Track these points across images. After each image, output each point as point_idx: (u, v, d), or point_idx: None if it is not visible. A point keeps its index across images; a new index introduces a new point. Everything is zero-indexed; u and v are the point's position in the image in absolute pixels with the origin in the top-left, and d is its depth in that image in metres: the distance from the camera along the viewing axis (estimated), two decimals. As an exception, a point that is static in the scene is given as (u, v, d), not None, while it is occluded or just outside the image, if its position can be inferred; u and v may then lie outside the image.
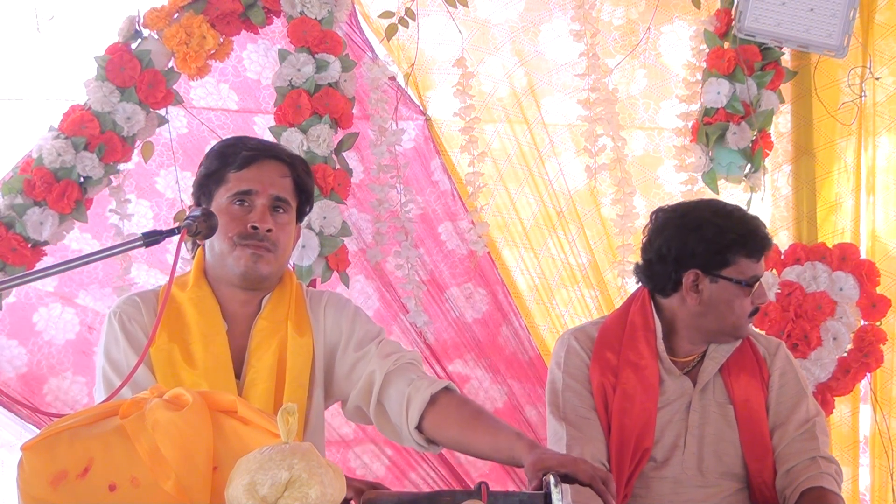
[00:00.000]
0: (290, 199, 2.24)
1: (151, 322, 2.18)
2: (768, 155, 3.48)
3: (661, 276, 2.56)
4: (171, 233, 1.90)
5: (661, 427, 2.53)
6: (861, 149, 3.68)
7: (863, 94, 3.62)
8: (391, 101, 3.41)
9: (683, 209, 2.61)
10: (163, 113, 3.22)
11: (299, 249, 3.07)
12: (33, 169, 3.06)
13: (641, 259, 2.63)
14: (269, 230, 2.19)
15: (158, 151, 3.26)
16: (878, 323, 3.48)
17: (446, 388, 2.17)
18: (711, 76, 3.43)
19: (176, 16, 3.17)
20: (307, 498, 1.41)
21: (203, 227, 1.97)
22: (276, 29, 3.34)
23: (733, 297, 2.49)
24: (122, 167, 3.19)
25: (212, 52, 3.19)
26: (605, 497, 1.86)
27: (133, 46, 3.16)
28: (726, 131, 3.39)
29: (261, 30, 3.30)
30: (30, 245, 3.05)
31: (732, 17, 3.43)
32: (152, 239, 1.87)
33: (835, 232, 3.66)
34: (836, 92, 3.65)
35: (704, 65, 3.49)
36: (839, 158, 3.67)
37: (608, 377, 2.54)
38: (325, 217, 3.13)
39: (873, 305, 3.46)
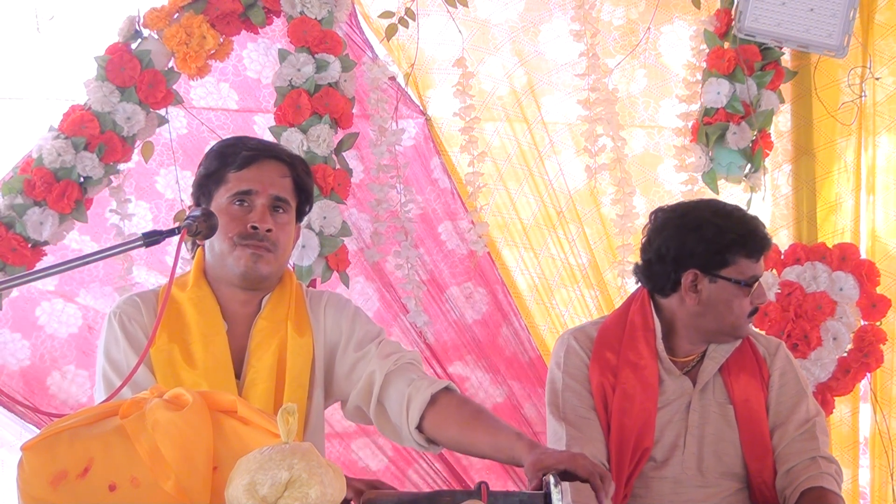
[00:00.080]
0: (289, 198, 2.24)
1: (151, 322, 2.18)
2: (768, 155, 3.48)
3: (660, 276, 2.56)
4: (171, 233, 1.90)
5: (660, 427, 2.53)
6: (861, 149, 3.68)
7: (863, 94, 3.62)
8: (391, 100, 3.42)
9: (683, 209, 2.61)
10: (163, 113, 3.22)
11: (299, 249, 3.07)
12: (33, 169, 3.06)
13: (641, 259, 2.63)
14: (269, 230, 2.19)
15: (158, 151, 3.26)
16: (878, 323, 3.48)
17: (446, 388, 2.17)
18: (711, 76, 3.43)
19: (176, 16, 3.17)
20: (307, 498, 1.41)
21: (203, 227, 1.97)
22: (277, 27, 3.34)
23: (732, 297, 2.49)
24: (122, 167, 3.19)
25: (212, 52, 3.19)
26: (598, 493, 1.86)
27: (133, 46, 3.16)
28: (726, 131, 3.39)
29: (261, 29, 3.30)
30: (30, 245, 3.05)
31: (732, 17, 3.43)
32: (152, 239, 1.87)
33: (835, 232, 3.66)
34: (836, 92, 3.65)
35: (704, 65, 3.49)
36: (839, 158, 3.67)
37: (608, 377, 2.54)
38: (325, 217, 3.13)
39: (873, 305, 3.46)
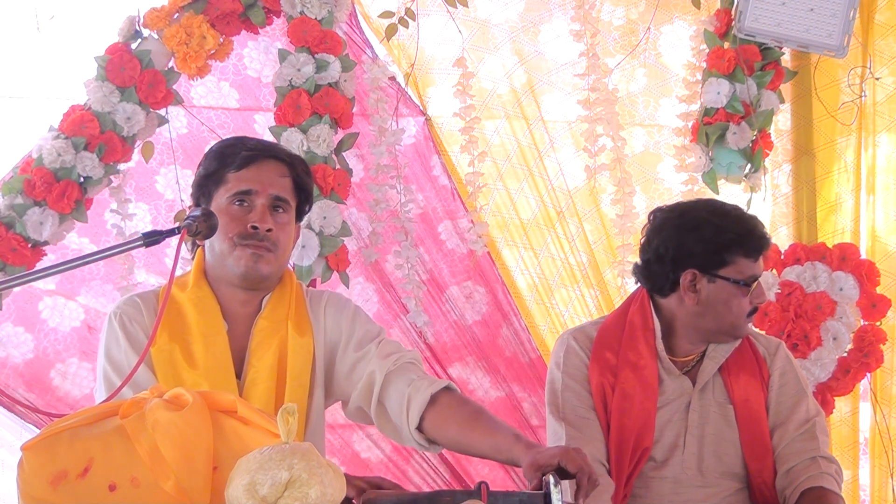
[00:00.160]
0: (289, 198, 2.25)
1: (152, 322, 2.18)
2: (768, 155, 3.48)
3: (659, 277, 2.56)
4: (171, 233, 1.90)
5: (660, 427, 2.53)
6: (861, 148, 3.67)
7: (863, 93, 3.62)
8: (391, 100, 3.41)
9: (681, 209, 2.61)
10: (163, 113, 3.22)
11: (299, 249, 3.07)
12: (33, 169, 3.06)
13: (640, 259, 2.63)
14: (269, 230, 2.19)
15: (158, 150, 3.26)
16: (878, 323, 3.48)
17: (446, 388, 2.17)
18: (711, 76, 3.43)
19: (176, 16, 3.17)
20: (307, 498, 1.41)
21: (203, 227, 1.98)
22: (277, 26, 3.34)
23: (731, 296, 2.49)
24: (122, 167, 3.19)
25: (212, 52, 3.19)
26: (579, 491, 1.85)
27: (133, 46, 3.16)
28: (726, 131, 3.38)
29: (261, 28, 3.30)
30: (30, 245, 3.05)
31: (732, 17, 3.42)
32: (152, 239, 1.87)
33: (835, 232, 3.65)
34: (836, 92, 3.64)
35: (704, 65, 3.48)
36: (839, 158, 3.67)
37: (607, 377, 2.54)
38: (325, 217, 3.13)
39: (873, 305, 3.46)
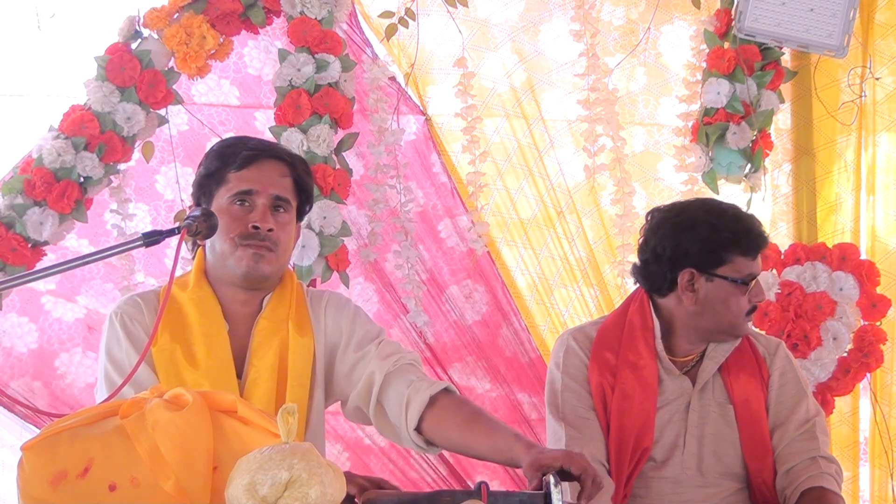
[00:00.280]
0: (290, 198, 2.25)
1: (153, 322, 2.18)
2: (768, 155, 3.48)
3: (657, 276, 2.56)
4: (171, 233, 1.90)
5: (660, 427, 2.53)
6: (861, 148, 3.67)
7: (863, 93, 3.62)
8: (391, 100, 3.41)
9: (678, 209, 2.61)
10: (163, 113, 3.22)
11: (299, 249, 3.07)
12: (33, 169, 3.05)
13: (638, 259, 2.63)
14: (270, 230, 2.19)
15: (159, 148, 3.26)
16: (878, 323, 3.48)
17: (445, 390, 2.17)
18: (711, 76, 3.43)
19: (176, 16, 3.17)
20: (307, 498, 1.41)
21: (203, 226, 1.98)
22: (277, 26, 3.34)
23: (729, 295, 2.49)
24: (122, 167, 3.18)
25: (212, 52, 3.19)
26: (582, 492, 1.85)
27: (133, 46, 3.16)
28: (726, 131, 3.38)
29: (261, 28, 3.29)
30: (30, 245, 3.05)
31: (732, 17, 3.42)
32: (152, 239, 1.87)
33: (835, 232, 3.65)
34: (836, 92, 3.64)
35: (704, 65, 3.48)
36: (839, 158, 3.67)
37: (607, 377, 2.54)
38: (325, 217, 3.13)
39: (873, 305, 3.46)
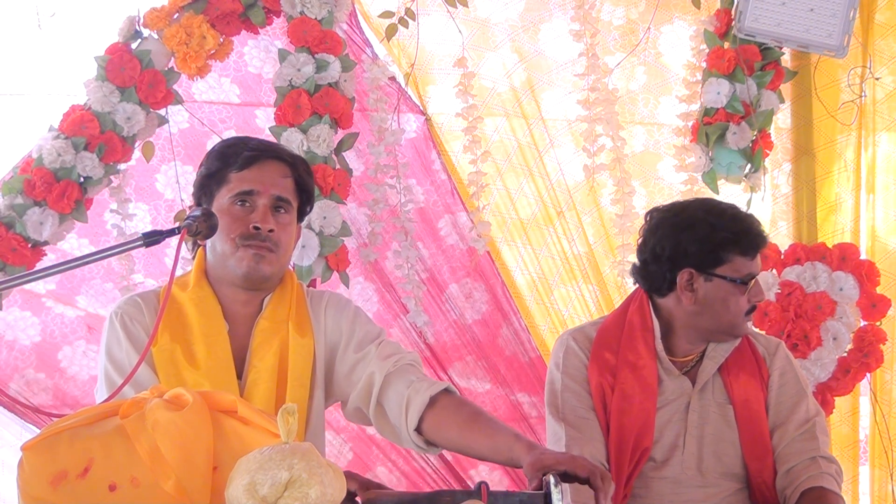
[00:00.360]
0: (291, 199, 2.25)
1: (153, 322, 2.18)
2: (768, 155, 3.48)
3: (656, 277, 2.56)
4: (171, 233, 1.90)
5: (660, 427, 2.53)
6: (861, 148, 3.67)
7: (863, 93, 3.62)
8: (391, 100, 3.41)
9: (677, 209, 2.61)
10: (163, 113, 3.22)
11: (299, 249, 3.07)
12: (33, 169, 3.06)
13: (637, 259, 2.63)
14: (270, 230, 2.19)
15: (159, 146, 3.26)
16: (878, 323, 3.48)
17: (445, 390, 2.17)
18: (711, 76, 3.43)
19: (176, 16, 3.17)
20: (307, 498, 1.40)
21: (203, 227, 1.98)
22: (277, 26, 3.34)
23: (728, 295, 2.49)
24: (122, 167, 3.19)
25: (212, 52, 3.19)
26: (598, 493, 1.85)
27: (133, 46, 3.16)
28: (726, 131, 3.38)
29: (261, 28, 3.29)
30: (30, 245, 3.05)
31: (732, 17, 3.42)
32: (152, 239, 1.87)
33: (835, 231, 3.65)
34: (836, 92, 3.64)
35: (704, 65, 3.48)
36: (839, 158, 3.67)
37: (606, 377, 2.54)
38: (325, 217, 3.13)
39: (873, 305, 3.46)
